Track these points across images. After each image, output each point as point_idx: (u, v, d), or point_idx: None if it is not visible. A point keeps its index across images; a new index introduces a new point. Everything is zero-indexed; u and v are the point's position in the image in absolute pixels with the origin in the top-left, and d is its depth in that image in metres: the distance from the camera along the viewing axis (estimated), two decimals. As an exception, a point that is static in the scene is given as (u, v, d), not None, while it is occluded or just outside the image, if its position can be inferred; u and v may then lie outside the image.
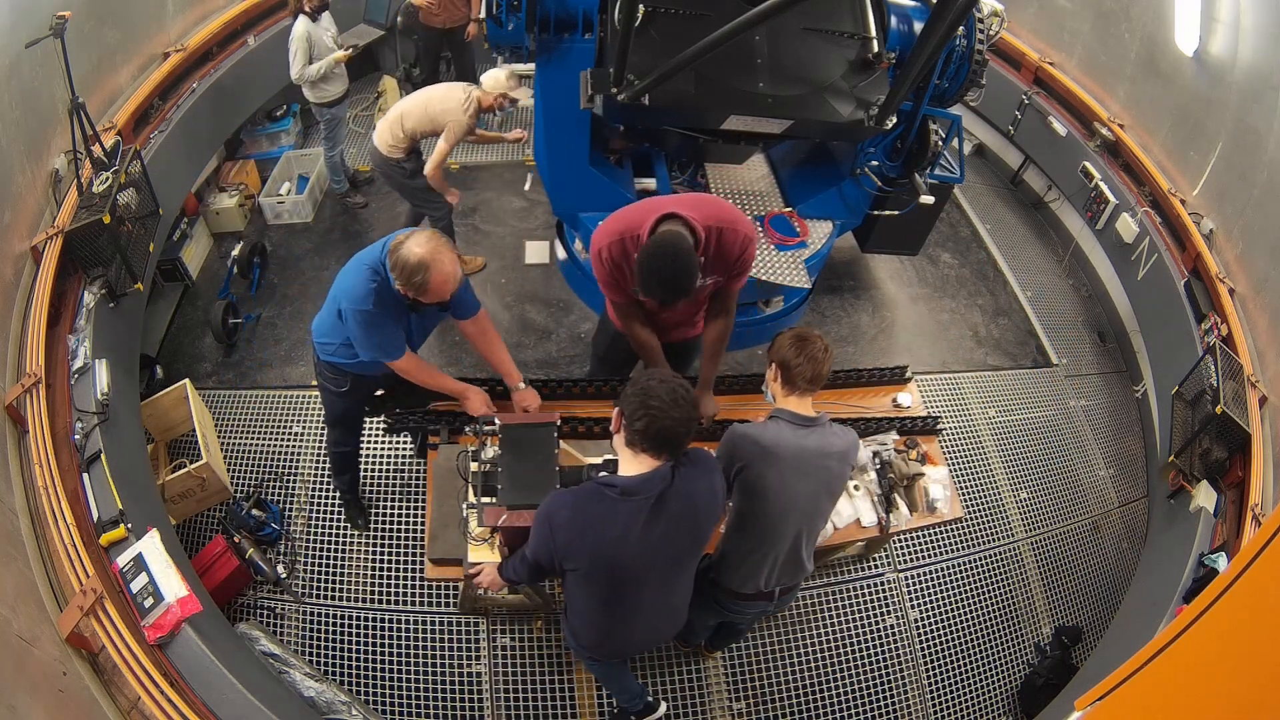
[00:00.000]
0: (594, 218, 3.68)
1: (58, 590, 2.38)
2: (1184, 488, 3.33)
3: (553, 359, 4.27)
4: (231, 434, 3.88)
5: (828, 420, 2.23)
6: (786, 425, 2.16)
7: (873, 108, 3.05)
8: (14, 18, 3.08)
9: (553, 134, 3.47)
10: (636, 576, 1.94)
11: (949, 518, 2.84)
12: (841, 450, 2.22)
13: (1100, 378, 4.71)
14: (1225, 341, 3.51)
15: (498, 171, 5.48)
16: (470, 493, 2.42)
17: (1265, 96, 3.63)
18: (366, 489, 3.67)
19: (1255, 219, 3.75)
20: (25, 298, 3.07)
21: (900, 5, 3.28)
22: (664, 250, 2.22)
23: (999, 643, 3.52)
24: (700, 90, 2.94)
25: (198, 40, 4.47)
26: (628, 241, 2.40)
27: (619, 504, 1.83)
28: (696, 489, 1.91)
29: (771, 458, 2.11)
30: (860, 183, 3.83)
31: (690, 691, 3.16)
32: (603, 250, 2.45)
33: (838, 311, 4.73)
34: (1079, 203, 4.92)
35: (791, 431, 2.15)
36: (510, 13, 2.98)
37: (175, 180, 4.25)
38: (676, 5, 2.95)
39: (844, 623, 3.43)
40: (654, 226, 2.32)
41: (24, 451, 2.69)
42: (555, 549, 1.88)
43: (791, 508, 2.16)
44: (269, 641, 2.98)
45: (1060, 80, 5.03)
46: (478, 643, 3.22)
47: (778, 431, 2.15)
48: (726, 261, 2.48)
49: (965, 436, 4.21)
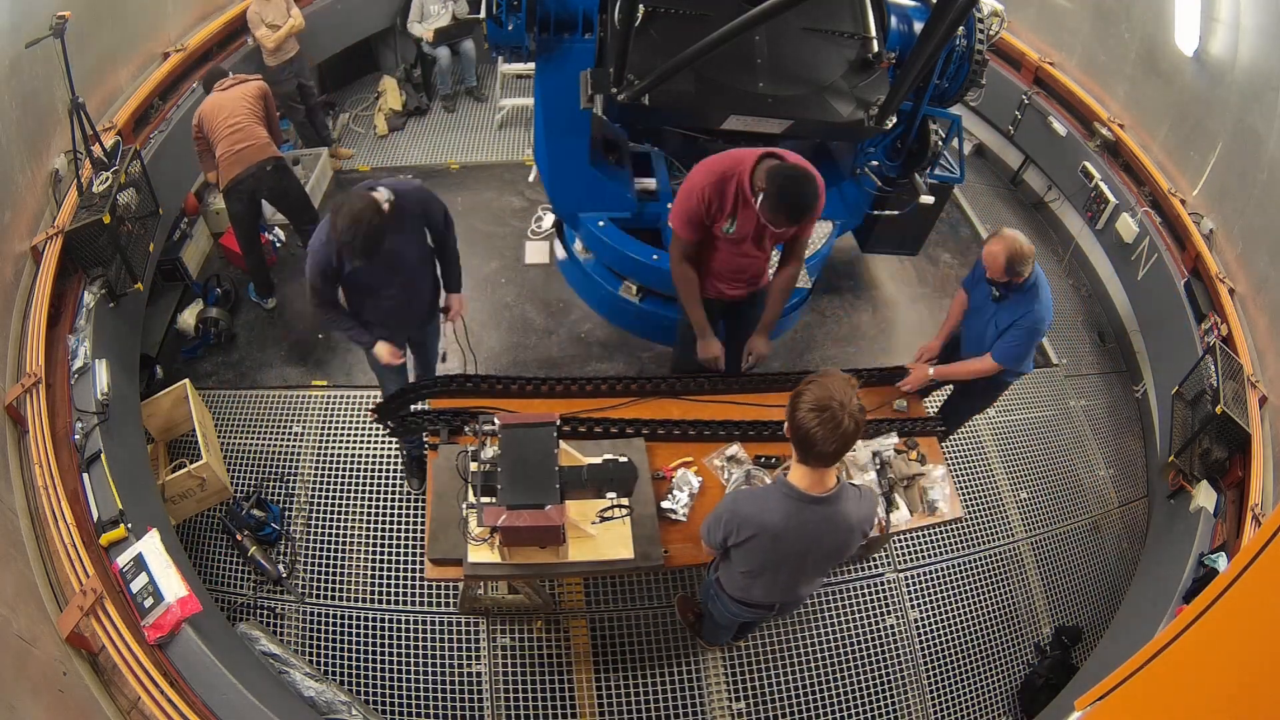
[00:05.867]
0: (594, 217, 3.68)
1: (58, 590, 2.39)
2: (1184, 488, 3.33)
3: (553, 359, 4.27)
4: (231, 434, 3.88)
5: (846, 487, 1.96)
6: (792, 501, 1.92)
7: (873, 108, 3.05)
8: (14, 18, 3.08)
9: (553, 134, 3.47)
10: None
11: (949, 518, 2.84)
12: (854, 524, 2.00)
13: (1100, 378, 4.70)
14: (1225, 341, 3.51)
15: (498, 172, 5.48)
16: (470, 493, 2.42)
17: (1265, 96, 3.62)
18: (367, 489, 3.67)
19: (1255, 219, 3.75)
20: (25, 298, 3.07)
21: (900, 5, 3.29)
22: (799, 173, 2.47)
23: (999, 643, 3.52)
24: (700, 90, 2.94)
25: (198, 40, 4.48)
26: (728, 181, 2.61)
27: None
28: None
29: (767, 538, 1.98)
30: (860, 183, 3.83)
31: (690, 691, 3.16)
32: (706, 186, 2.63)
33: (838, 311, 4.73)
34: (1079, 203, 4.91)
35: (797, 510, 1.91)
36: (510, 13, 2.98)
37: (175, 180, 4.25)
38: (676, 5, 2.95)
39: (844, 623, 3.43)
40: (755, 165, 2.55)
41: (24, 451, 2.70)
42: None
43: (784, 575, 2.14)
44: (269, 641, 2.98)
45: (1060, 80, 5.02)
46: (478, 643, 3.21)
47: (781, 511, 1.93)
48: None
49: (965, 436, 4.20)
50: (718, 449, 2.82)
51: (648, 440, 2.79)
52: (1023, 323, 2.85)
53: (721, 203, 2.66)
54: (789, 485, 1.92)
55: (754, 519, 1.98)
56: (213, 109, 3.80)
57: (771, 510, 1.95)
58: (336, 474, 3.73)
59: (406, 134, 5.86)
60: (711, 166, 2.65)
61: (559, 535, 2.23)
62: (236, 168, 3.79)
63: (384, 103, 5.93)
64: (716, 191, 2.63)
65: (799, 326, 4.53)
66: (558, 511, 2.14)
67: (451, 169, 5.53)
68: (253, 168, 3.81)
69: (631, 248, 3.62)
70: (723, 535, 2.06)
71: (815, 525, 1.96)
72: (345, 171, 5.48)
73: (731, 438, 2.85)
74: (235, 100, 3.82)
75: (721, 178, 2.62)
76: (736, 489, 2.14)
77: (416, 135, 5.87)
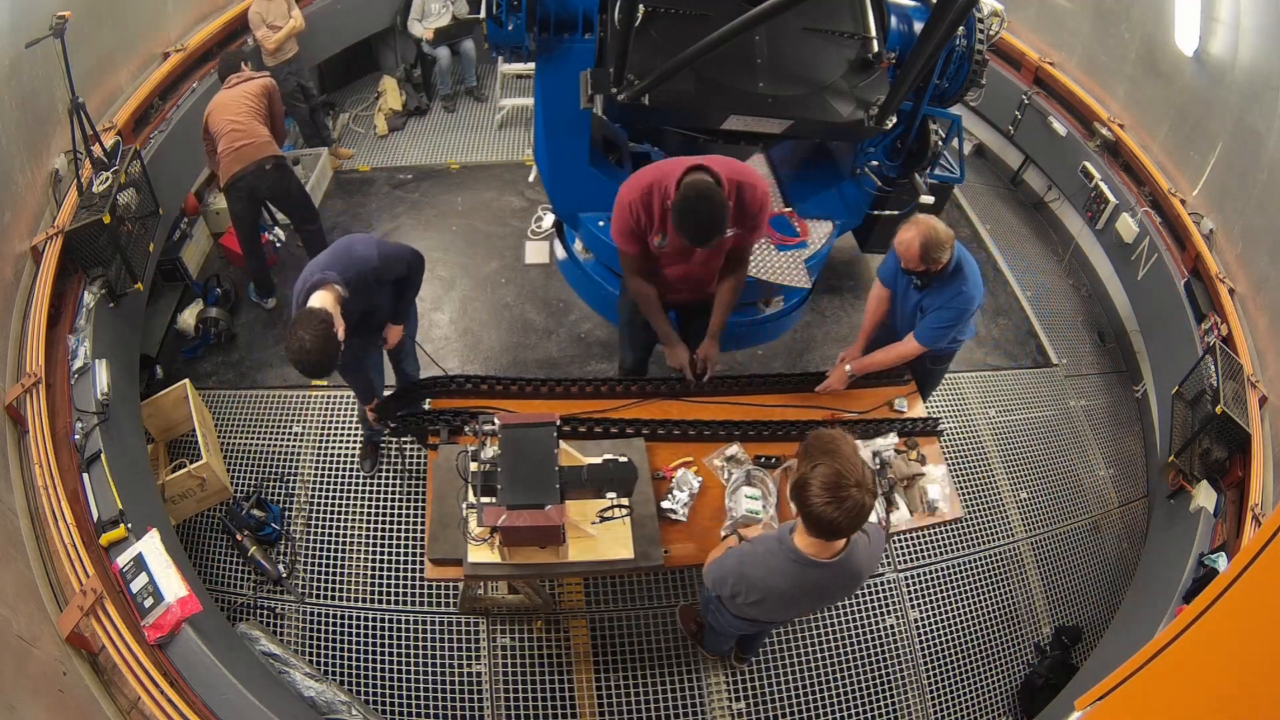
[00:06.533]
0: (594, 218, 3.68)
1: (58, 590, 2.39)
2: (1184, 488, 3.33)
3: (553, 359, 4.27)
4: (231, 434, 3.88)
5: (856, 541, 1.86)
6: (799, 567, 1.85)
7: (873, 108, 3.05)
8: (14, 18, 3.08)
9: (553, 134, 3.47)
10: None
11: (949, 518, 2.84)
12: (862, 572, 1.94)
13: (1100, 378, 4.70)
14: (1225, 341, 3.51)
15: (498, 172, 5.48)
16: (470, 493, 2.42)
17: (1265, 96, 3.62)
18: (367, 489, 3.67)
19: (1255, 219, 3.75)
20: (25, 298, 3.07)
21: (900, 5, 3.28)
22: (700, 191, 2.38)
23: (999, 643, 3.52)
24: (700, 90, 2.94)
25: (198, 40, 4.48)
26: (655, 192, 2.55)
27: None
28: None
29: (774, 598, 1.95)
30: (860, 183, 3.83)
31: (690, 691, 3.16)
32: (632, 201, 2.58)
33: (838, 311, 4.73)
34: (1079, 203, 4.91)
35: (804, 574, 1.85)
36: (510, 13, 2.98)
37: (175, 180, 4.25)
38: (676, 5, 2.95)
39: (844, 623, 3.43)
40: (682, 177, 2.46)
41: (24, 451, 2.69)
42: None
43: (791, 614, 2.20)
44: (269, 641, 2.98)
45: (1060, 80, 5.02)
46: (478, 643, 3.21)
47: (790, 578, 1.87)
48: (747, 215, 2.62)
49: (965, 436, 4.21)
50: (718, 449, 2.82)
51: (648, 440, 2.79)
52: (953, 304, 2.74)
53: (649, 216, 2.60)
54: (796, 552, 1.84)
55: (760, 584, 1.95)
56: (217, 106, 3.81)
57: (779, 576, 1.90)
58: (336, 474, 3.73)
59: (406, 134, 5.86)
60: (639, 180, 2.59)
61: (559, 535, 2.23)
62: (236, 165, 3.79)
63: (384, 103, 5.93)
64: (643, 205, 2.58)
65: (799, 326, 4.53)
66: (558, 511, 2.14)
67: (451, 169, 5.53)
68: (251, 165, 3.81)
69: (631, 248, 3.62)
70: (730, 593, 2.04)
71: (824, 583, 1.92)
72: (345, 171, 5.48)
73: (731, 438, 2.85)
74: (238, 98, 3.82)
75: (647, 191, 2.56)
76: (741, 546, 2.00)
77: (416, 135, 5.87)
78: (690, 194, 2.38)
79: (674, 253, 2.72)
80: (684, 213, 2.40)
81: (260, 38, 4.70)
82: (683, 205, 2.39)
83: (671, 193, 2.47)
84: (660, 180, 2.53)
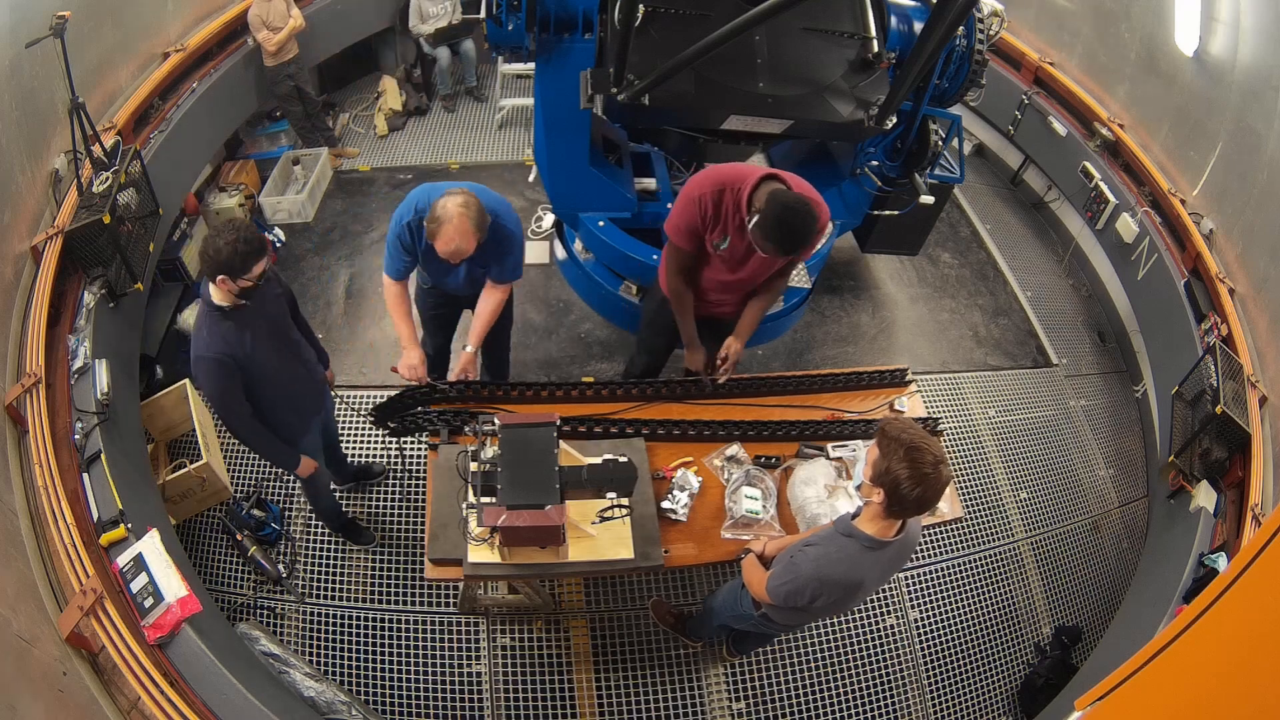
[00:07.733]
0: (594, 217, 3.69)
1: (58, 590, 2.39)
2: (1184, 488, 3.33)
3: (553, 359, 4.27)
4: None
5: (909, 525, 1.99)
6: (874, 553, 1.94)
7: (873, 108, 3.05)
8: (14, 18, 3.08)
9: (553, 134, 3.47)
10: None
11: (949, 518, 2.84)
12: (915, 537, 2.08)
13: (1100, 378, 4.71)
14: (1225, 341, 3.51)
15: (498, 172, 5.48)
16: (470, 492, 2.42)
17: (1265, 96, 3.62)
18: (367, 488, 3.67)
19: (1255, 219, 3.75)
20: (25, 298, 3.07)
21: (900, 5, 3.28)
22: (799, 203, 2.37)
23: (999, 643, 3.52)
24: (700, 90, 2.94)
25: (198, 40, 4.47)
26: (728, 191, 2.53)
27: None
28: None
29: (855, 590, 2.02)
30: (860, 183, 3.83)
31: (690, 691, 3.16)
32: (703, 196, 2.55)
33: (838, 311, 4.73)
34: (1079, 203, 4.91)
35: (879, 558, 1.96)
36: (510, 13, 2.98)
37: (175, 180, 4.25)
38: (676, 5, 2.95)
39: (844, 623, 3.43)
40: (757, 184, 2.45)
41: (24, 451, 2.69)
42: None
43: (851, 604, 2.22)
44: (269, 641, 2.98)
45: (1060, 80, 5.02)
46: (478, 643, 3.21)
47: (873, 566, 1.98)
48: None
49: (965, 436, 4.21)
50: (718, 449, 2.82)
51: (648, 440, 2.80)
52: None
53: (716, 214, 2.58)
54: (870, 539, 1.93)
55: (843, 581, 1.99)
56: None
57: (862, 568, 1.98)
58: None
59: (406, 134, 5.86)
60: (712, 175, 2.58)
61: (559, 535, 2.23)
62: None
63: (384, 103, 5.93)
64: (714, 201, 2.56)
65: (799, 326, 4.53)
66: (558, 511, 2.14)
67: (452, 169, 5.53)
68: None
69: (631, 248, 3.62)
70: (809, 599, 2.04)
71: (892, 560, 2.04)
72: (345, 171, 5.48)
73: (731, 438, 2.85)
74: None
75: (720, 188, 2.54)
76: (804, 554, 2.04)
77: (416, 135, 5.87)
78: (790, 202, 2.36)
79: (729, 256, 2.69)
80: (779, 220, 2.36)
81: (261, 39, 4.71)
82: (781, 213, 2.36)
83: (745, 195, 2.46)
84: (734, 182, 2.51)
